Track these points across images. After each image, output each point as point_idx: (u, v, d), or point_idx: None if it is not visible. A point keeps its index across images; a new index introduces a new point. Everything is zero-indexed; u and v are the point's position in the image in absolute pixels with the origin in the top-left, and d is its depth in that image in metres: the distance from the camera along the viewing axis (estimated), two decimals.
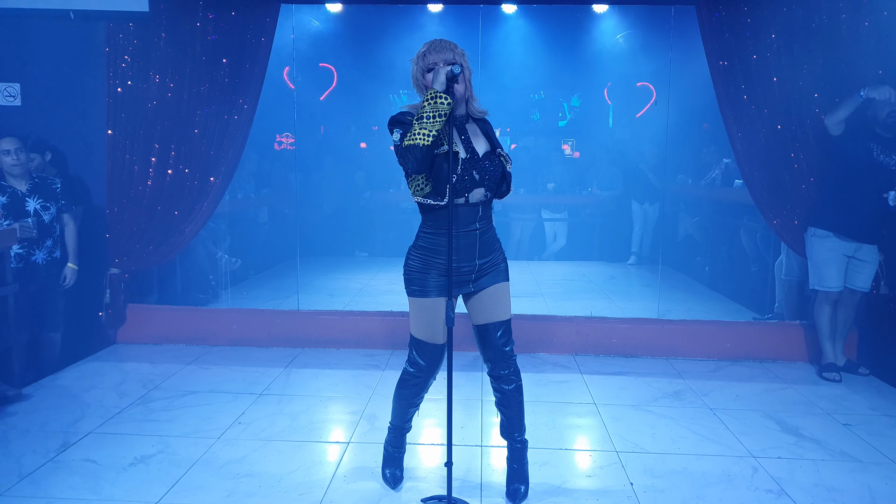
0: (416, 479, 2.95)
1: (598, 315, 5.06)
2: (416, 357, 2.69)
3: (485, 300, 2.66)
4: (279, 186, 8.08)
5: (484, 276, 2.66)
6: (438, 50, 2.49)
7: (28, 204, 4.17)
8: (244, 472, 2.98)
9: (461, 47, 2.55)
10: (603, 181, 8.62)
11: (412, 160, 2.36)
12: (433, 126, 2.33)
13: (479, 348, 2.72)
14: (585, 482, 2.97)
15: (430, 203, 2.51)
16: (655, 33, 7.56)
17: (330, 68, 9.12)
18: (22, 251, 4.14)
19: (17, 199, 4.14)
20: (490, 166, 2.54)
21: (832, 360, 4.44)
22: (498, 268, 2.68)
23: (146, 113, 4.70)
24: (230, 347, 4.92)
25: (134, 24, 4.66)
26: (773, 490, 2.90)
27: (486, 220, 2.62)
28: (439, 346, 2.66)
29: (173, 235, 4.83)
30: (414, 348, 2.69)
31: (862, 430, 3.56)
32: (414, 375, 2.71)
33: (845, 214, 4.28)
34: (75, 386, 4.07)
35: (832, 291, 4.40)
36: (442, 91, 2.34)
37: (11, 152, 4.11)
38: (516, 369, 2.73)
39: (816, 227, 4.40)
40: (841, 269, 4.37)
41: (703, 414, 3.76)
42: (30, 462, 3.06)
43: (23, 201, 4.16)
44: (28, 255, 4.17)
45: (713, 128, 7.03)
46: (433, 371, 2.71)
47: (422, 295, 2.59)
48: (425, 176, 2.47)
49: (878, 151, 4.19)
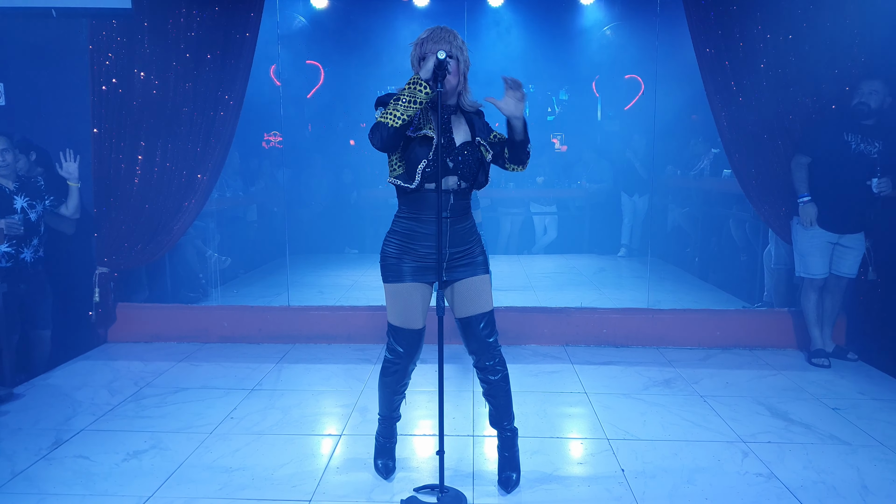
0: (409, 469, 2.96)
1: (588, 306, 5.07)
2: (394, 344, 2.70)
3: (465, 293, 2.66)
4: (268, 184, 8.07)
5: (458, 267, 2.65)
6: (436, 39, 2.49)
7: (16, 202, 4.16)
8: (237, 466, 2.98)
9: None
10: (592, 174, 8.65)
11: (378, 138, 2.40)
12: (406, 111, 2.36)
13: (464, 341, 2.72)
14: (577, 469, 2.98)
15: (401, 185, 2.55)
16: (642, 24, 7.58)
17: (317, 65, 9.09)
18: (11, 250, 4.11)
19: (5, 197, 4.12)
20: (468, 156, 2.55)
21: (820, 346, 4.48)
22: (475, 260, 2.67)
23: (131, 111, 4.68)
24: (221, 344, 4.90)
25: (117, 22, 4.63)
26: (763, 474, 2.93)
27: (458, 210, 2.60)
28: (416, 332, 2.67)
29: (161, 234, 4.81)
30: (391, 335, 2.70)
31: (851, 414, 3.60)
32: (393, 363, 2.72)
33: (828, 208, 4.32)
34: (66, 384, 4.05)
35: (817, 278, 4.43)
36: (426, 79, 2.35)
37: (4, 152, 4.10)
38: (501, 360, 2.73)
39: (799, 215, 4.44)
40: (825, 256, 4.40)
41: (694, 401, 3.78)
42: (22, 459, 3.04)
43: (10, 199, 4.14)
44: (17, 254, 4.15)
45: (701, 119, 7.06)
46: (412, 357, 2.72)
47: (396, 280, 2.62)
48: (398, 157, 2.53)
49: (856, 142, 4.22)
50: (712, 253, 6.96)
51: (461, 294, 2.67)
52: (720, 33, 4.55)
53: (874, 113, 4.19)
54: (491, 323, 2.69)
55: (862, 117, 4.21)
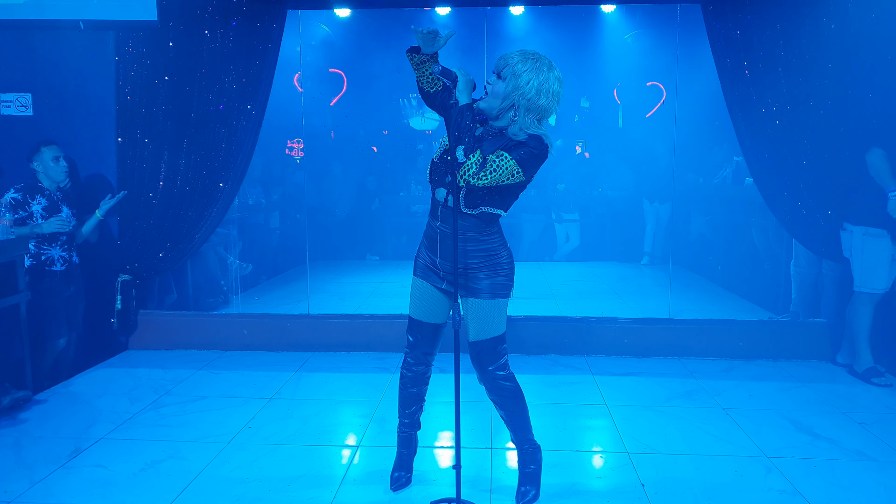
0: (427, 483, 2.94)
1: (609, 315, 5.02)
2: (407, 334, 2.77)
3: (467, 314, 2.66)
4: (290, 191, 8.11)
5: (464, 285, 2.61)
6: (506, 57, 2.49)
7: (63, 209, 4.37)
8: (254, 477, 2.99)
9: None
10: (614, 181, 8.58)
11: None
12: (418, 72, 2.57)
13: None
14: (596, 483, 2.94)
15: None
16: (663, 32, 7.52)
17: (340, 73, 9.14)
18: (65, 254, 4.34)
19: (54, 203, 4.33)
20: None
21: (873, 364, 4.28)
22: (478, 284, 2.59)
23: (155, 120, 4.74)
24: (241, 352, 4.93)
25: (143, 33, 4.72)
26: (787, 490, 2.87)
27: (463, 229, 2.54)
28: (423, 325, 2.72)
29: (183, 241, 4.85)
30: (408, 325, 2.78)
31: (877, 429, 3.51)
32: (406, 354, 2.79)
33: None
34: (87, 392, 4.10)
35: (880, 293, 4.25)
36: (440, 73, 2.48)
37: (60, 158, 4.32)
38: (501, 385, 2.66)
39: (868, 225, 4.20)
40: (892, 268, 4.22)
41: (716, 414, 3.72)
42: (42, 468, 3.07)
43: (58, 206, 4.35)
44: (70, 257, 4.38)
45: (724, 126, 6.97)
46: (421, 349, 2.74)
47: (414, 273, 2.75)
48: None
49: None
50: (735, 261, 6.86)
51: (466, 314, 2.66)
52: (739, 42, 4.50)
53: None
54: (486, 351, 2.62)
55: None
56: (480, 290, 2.59)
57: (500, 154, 2.43)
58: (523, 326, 4.76)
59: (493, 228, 2.60)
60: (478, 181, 2.41)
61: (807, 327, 4.75)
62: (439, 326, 2.74)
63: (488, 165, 2.41)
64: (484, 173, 2.40)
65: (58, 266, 4.31)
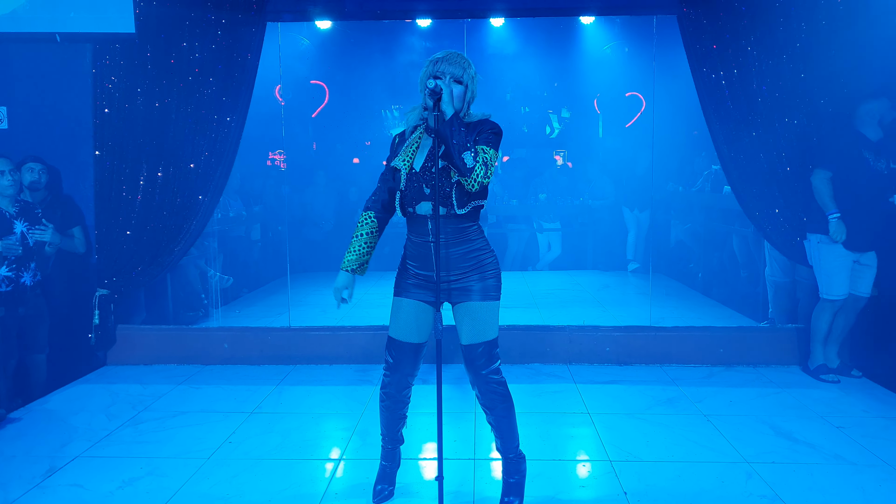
0: (410, 495, 2.92)
1: (591, 324, 5.04)
2: (386, 354, 2.74)
3: (458, 319, 2.66)
4: (271, 203, 8.08)
5: (455, 290, 2.64)
6: (452, 62, 2.58)
7: (16, 226, 4.16)
8: (234, 493, 2.95)
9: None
10: (595, 191, 8.64)
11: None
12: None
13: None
14: (579, 493, 2.94)
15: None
16: (642, 43, 7.60)
17: (321, 85, 9.14)
18: (11, 274, 4.12)
19: (5, 221, 4.13)
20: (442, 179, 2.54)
21: (823, 362, 4.44)
22: (470, 287, 2.62)
23: (133, 133, 4.70)
24: (222, 366, 4.88)
25: (120, 46, 4.68)
26: (767, 496, 2.88)
27: (446, 235, 2.58)
28: (403, 344, 2.69)
29: (162, 255, 4.81)
30: (386, 345, 2.75)
31: (856, 433, 3.55)
32: (386, 374, 2.75)
33: (854, 226, 4.21)
34: (63, 409, 4.03)
35: (839, 299, 4.36)
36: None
37: (6, 173, 4.11)
38: (494, 389, 2.66)
39: (823, 233, 4.30)
40: (849, 275, 4.32)
41: (697, 420, 3.74)
42: (15, 488, 3.02)
43: (10, 223, 4.15)
44: (17, 278, 4.15)
45: (702, 135, 7.05)
46: (401, 370, 2.71)
47: (394, 293, 2.74)
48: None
49: (873, 158, 4.19)
50: (715, 269, 6.92)
51: (457, 319, 2.66)
52: (715, 53, 4.56)
53: (883, 130, 4.19)
54: (485, 354, 2.63)
55: (872, 134, 4.19)
56: (473, 293, 2.63)
57: (481, 149, 2.52)
58: (506, 336, 4.76)
59: (476, 226, 2.67)
60: (485, 179, 2.49)
61: (784, 333, 4.79)
62: (422, 345, 2.73)
63: (489, 162, 2.52)
64: (487, 171, 2.49)
65: (2, 287, 4.09)
